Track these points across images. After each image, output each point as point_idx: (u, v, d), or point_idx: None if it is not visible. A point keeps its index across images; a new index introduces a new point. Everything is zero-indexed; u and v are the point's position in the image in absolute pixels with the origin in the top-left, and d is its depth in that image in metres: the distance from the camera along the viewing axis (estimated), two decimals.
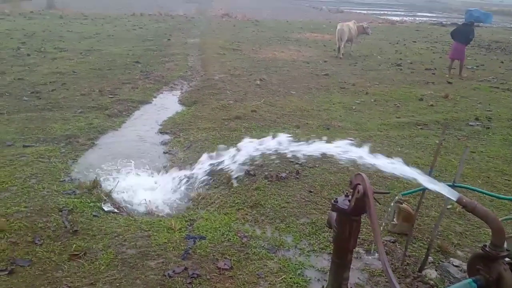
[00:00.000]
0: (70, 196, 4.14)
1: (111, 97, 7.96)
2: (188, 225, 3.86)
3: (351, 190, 2.09)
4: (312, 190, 4.52)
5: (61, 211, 3.80)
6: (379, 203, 2.83)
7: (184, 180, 4.76)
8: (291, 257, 3.40)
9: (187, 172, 4.85)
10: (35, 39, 14.01)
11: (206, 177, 4.81)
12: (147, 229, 3.67)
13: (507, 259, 2.58)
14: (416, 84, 10.50)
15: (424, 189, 2.98)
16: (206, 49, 14.08)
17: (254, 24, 23.08)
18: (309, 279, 3.14)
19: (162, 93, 8.85)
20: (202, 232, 3.72)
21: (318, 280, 3.14)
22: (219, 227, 3.81)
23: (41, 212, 3.76)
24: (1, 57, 10.88)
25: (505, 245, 2.61)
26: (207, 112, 7.40)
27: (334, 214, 2.22)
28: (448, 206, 4.45)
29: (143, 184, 4.67)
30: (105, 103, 7.58)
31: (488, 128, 7.32)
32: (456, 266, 3.29)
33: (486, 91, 10.16)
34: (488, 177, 5.26)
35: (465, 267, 3.29)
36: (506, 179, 5.24)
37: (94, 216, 3.83)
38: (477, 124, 7.49)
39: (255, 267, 3.25)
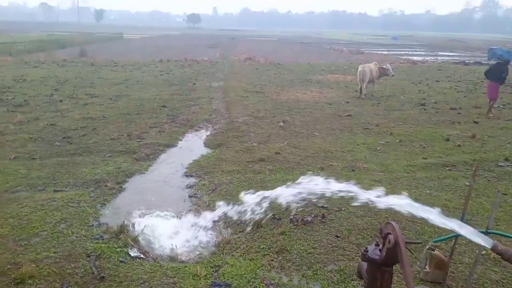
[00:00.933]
0: (98, 241, 4.19)
1: (139, 141, 8.20)
2: (213, 271, 3.83)
3: (382, 239, 2.05)
4: (339, 235, 4.43)
5: (89, 256, 3.84)
6: (412, 253, 2.72)
7: (209, 224, 4.75)
8: None
9: (212, 216, 4.86)
10: (68, 86, 14.74)
11: (231, 221, 4.80)
12: (172, 275, 3.65)
13: None
14: (441, 124, 10.38)
15: (457, 236, 2.89)
16: (230, 92, 14.44)
17: (276, 67, 23.64)
18: None
19: (187, 136, 9.04)
20: (228, 279, 3.67)
21: None
22: (245, 273, 3.75)
23: (70, 257, 3.82)
24: (35, 104, 11.45)
25: None
26: (232, 155, 7.48)
27: (365, 264, 2.17)
28: (483, 252, 4.26)
29: (169, 228, 4.69)
30: (133, 147, 7.79)
31: None
32: None
33: None
34: None
35: None
36: None
37: (121, 261, 3.85)
38: (507, 165, 7.27)
39: None
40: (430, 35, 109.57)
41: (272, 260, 3.99)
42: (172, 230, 4.63)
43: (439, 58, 36.65)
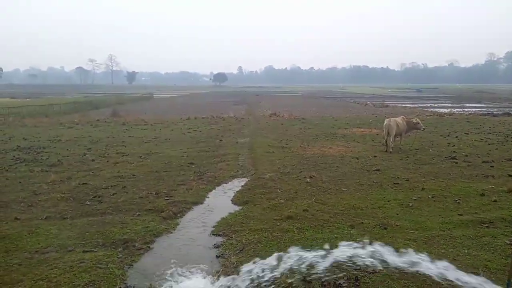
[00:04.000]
0: None
1: (167, 199, 8.26)
2: None
3: None
4: None
5: None
6: None
7: (238, 286, 4.60)
8: None
9: (240, 278, 4.71)
10: (100, 145, 15.30)
11: (261, 283, 4.63)
12: None
13: None
14: (474, 178, 10.02)
15: None
16: (256, 148, 14.59)
17: (301, 122, 23.91)
18: None
19: (214, 193, 9.05)
20: None
21: None
22: None
23: None
24: (68, 163, 11.87)
25: None
26: (259, 212, 7.40)
27: None
28: None
29: None
30: (161, 205, 7.84)
31: None
32: None
33: None
34: None
35: None
36: None
37: None
38: None
39: None
40: (456, 86, 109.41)
41: None
42: None
43: (466, 109, 36.24)
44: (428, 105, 42.26)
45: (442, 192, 8.78)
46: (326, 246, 4.31)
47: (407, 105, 42.46)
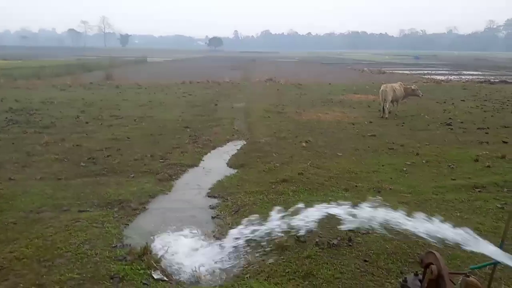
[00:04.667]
0: (121, 262, 4.16)
1: (162, 162, 8.25)
2: None
3: (422, 269, 1.93)
4: (367, 259, 4.27)
5: (112, 278, 3.80)
6: (454, 283, 2.57)
7: (233, 247, 4.67)
8: None
9: (235, 238, 4.77)
10: (94, 108, 15.11)
11: (255, 243, 4.70)
12: None
13: None
14: (469, 144, 10.07)
15: (496, 263, 2.71)
16: (252, 113, 14.49)
17: (297, 88, 23.68)
18: None
19: (210, 156, 9.05)
20: None
21: None
22: None
23: (93, 279, 3.79)
24: (62, 125, 11.75)
25: None
26: (254, 175, 7.43)
27: None
28: None
29: (192, 250, 4.62)
30: (156, 167, 7.84)
31: None
32: None
33: None
34: None
35: None
36: None
37: (144, 284, 3.79)
38: None
39: None
40: (453, 54, 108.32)
41: (298, 285, 3.86)
42: (196, 252, 4.56)
43: (463, 77, 36.01)
44: (426, 72, 41.91)
45: (436, 157, 8.83)
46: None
47: (404, 71, 42.09)
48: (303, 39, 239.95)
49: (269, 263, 4.31)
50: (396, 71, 41.83)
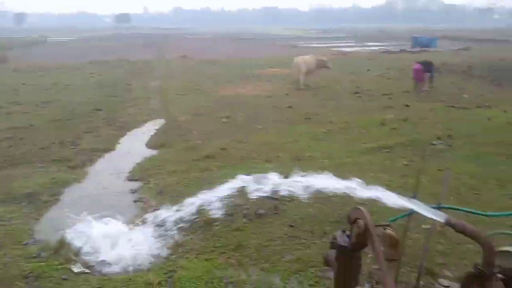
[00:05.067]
0: (36, 260, 3.81)
1: (73, 148, 7.67)
2: (168, 277, 3.64)
3: (350, 225, 2.02)
4: (293, 225, 4.42)
5: (27, 278, 3.47)
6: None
7: (158, 228, 4.53)
8: None
9: (160, 219, 4.63)
10: None
11: (182, 222, 4.61)
12: (123, 287, 3.41)
13: (499, 274, 2.56)
14: (376, 110, 10.84)
15: (411, 213, 2.95)
16: (168, 91, 14.04)
17: (213, 64, 23.40)
18: None
19: (127, 139, 8.61)
20: (184, 283, 3.51)
21: None
22: (202, 275, 3.61)
23: (3, 282, 3.42)
24: None
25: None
26: (176, 154, 7.25)
27: (332, 252, 2.13)
28: (427, 227, 4.46)
29: (115, 237, 4.39)
30: (67, 155, 7.26)
31: (451, 146, 7.58)
32: (446, 286, 3.26)
33: (442, 111, 10.63)
34: (459, 194, 5.36)
35: (454, 287, 3.26)
36: (476, 193, 5.37)
37: (64, 279, 3.53)
38: (440, 143, 7.73)
39: None
40: (358, 27, 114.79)
41: (229, 257, 3.88)
42: (119, 239, 4.33)
43: (367, 48, 38.44)
44: (334, 44, 43.92)
45: (348, 124, 9.38)
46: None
47: (315, 45, 43.70)
48: (216, 15, 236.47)
49: (198, 240, 4.27)
50: (307, 45, 43.24)
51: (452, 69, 19.09)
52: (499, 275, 2.58)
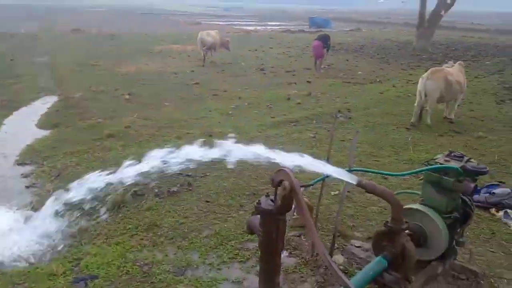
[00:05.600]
0: None
1: None
2: (73, 266, 3.30)
3: (274, 188, 1.96)
4: (208, 200, 4.32)
5: None
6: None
7: (59, 214, 4.08)
8: (202, 275, 3.14)
9: (61, 205, 4.17)
10: None
11: (85, 206, 4.21)
12: (21, 281, 3.01)
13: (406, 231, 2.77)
14: (281, 86, 11.11)
15: (324, 178, 3.03)
16: (60, 67, 12.71)
17: (111, 39, 21.77)
18: None
19: (13, 119, 7.60)
20: (93, 270, 3.21)
21: None
22: (113, 260, 3.34)
23: None
24: None
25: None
26: (74, 134, 6.60)
27: (256, 218, 2.07)
28: (336, 192, 4.71)
29: (6, 227, 3.84)
30: None
31: (350, 118, 8.10)
32: (358, 247, 3.46)
33: (340, 86, 11.30)
34: (361, 161, 5.75)
35: (366, 246, 3.48)
36: (375, 160, 5.82)
37: None
38: (340, 116, 8.20)
39: None
40: (258, 6, 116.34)
41: (142, 239, 3.64)
42: (12, 229, 3.80)
43: (268, 27, 39.14)
44: (236, 22, 43.92)
45: (256, 99, 9.47)
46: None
47: (218, 22, 43.20)
48: None
49: (106, 224, 3.95)
50: (210, 22, 42.57)
51: (346, 48, 20.42)
52: (407, 231, 2.81)
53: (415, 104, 7.49)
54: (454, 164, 2.86)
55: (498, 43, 23.40)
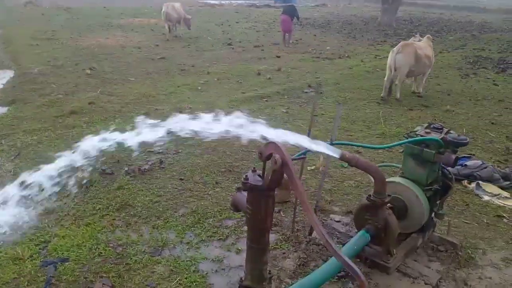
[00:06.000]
0: None
1: None
2: (40, 249, 3.09)
3: (263, 162, 1.84)
4: (182, 178, 4.16)
5: None
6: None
7: (21, 196, 3.80)
8: (180, 255, 3.02)
9: (22, 186, 3.88)
10: None
11: (50, 186, 3.94)
12: None
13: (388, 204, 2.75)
14: (250, 61, 10.89)
15: (306, 152, 2.95)
16: (13, 41, 11.87)
17: (67, 12, 20.56)
18: (206, 273, 2.84)
19: None
20: (62, 253, 3.02)
21: (216, 271, 2.87)
22: (83, 242, 3.15)
23: None
24: None
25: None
26: (33, 111, 6.17)
27: (242, 195, 1.95)
28: (312, 167, 4.67)
29: None
30: None
31: (321, 93, 8.04)
32: (337, 221, 3.44)
33: (310, 61, 11.21)
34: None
35: (345, 220, 3.47)
36: (348, 135, 5.81)
37: None
38: (311, 91, 8.14)
39: (141, 277, 2.77)
40: None
41: (114, 219, 3.46)
42: None
43: (233, 1, 38.25)
44: None
45: (225, 74, 9.23)
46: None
47: None
48: None
49: (74, 205, 3.72)
50: None
51: (313, 23, 20.29)
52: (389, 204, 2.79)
53: (385, 78, 7.52)
54: (434, 136, 2.85)
55: (460, 19, 23.99)
